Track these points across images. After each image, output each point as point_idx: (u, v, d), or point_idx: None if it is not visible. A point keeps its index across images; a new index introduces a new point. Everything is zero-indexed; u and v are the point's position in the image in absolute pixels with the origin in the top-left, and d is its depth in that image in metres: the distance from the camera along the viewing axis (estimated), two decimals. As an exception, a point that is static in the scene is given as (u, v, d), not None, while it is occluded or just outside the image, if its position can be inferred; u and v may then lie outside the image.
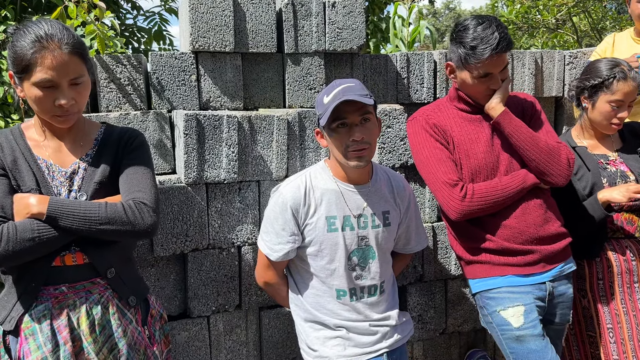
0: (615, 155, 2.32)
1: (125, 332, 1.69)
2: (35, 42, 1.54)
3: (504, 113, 2.04)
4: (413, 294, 2.61)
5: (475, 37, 1.95)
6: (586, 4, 7.65)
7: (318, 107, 1.86)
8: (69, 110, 1.60)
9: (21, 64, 1.55)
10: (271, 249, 1.91)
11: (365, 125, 1.81)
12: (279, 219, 1.88)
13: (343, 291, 1.92)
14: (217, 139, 2.22)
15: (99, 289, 1.68)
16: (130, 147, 1.76)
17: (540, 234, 2.05)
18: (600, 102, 2.23)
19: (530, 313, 2.00)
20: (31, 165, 1.64)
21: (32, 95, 1.57)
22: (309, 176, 1.92)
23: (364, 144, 1.80)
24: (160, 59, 2.36)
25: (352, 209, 1.91)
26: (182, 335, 2.30)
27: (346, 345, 1.91)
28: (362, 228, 1.92)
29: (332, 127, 1.80)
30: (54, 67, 1.54)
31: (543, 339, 1.99)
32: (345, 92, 1.77)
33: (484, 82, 2.02)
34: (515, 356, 2.01)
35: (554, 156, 2.01)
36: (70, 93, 1.59)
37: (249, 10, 2.43)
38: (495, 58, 1.95)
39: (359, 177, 1.92)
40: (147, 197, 1.67)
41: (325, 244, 1.88)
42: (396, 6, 5.99)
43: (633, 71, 2.22)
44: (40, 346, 1.58)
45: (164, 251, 2.22)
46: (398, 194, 2.01)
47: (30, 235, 1.52)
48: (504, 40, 1.94)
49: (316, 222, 1.87)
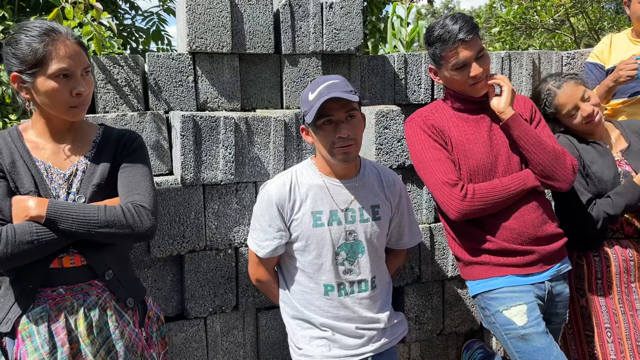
0: (620, 156, 2.33)
1: (123, 334, 1.69)
2: (44, 35, 1.57)
3: (514, 116, 2.05)
4: (410, 295, 2.61)
5: (438, 32, 2.02)
6: (584, 5, 7.66)
7: (303, 104, 1.87)
8: (85, 100, 1.64)
9: (34, 59, 1.57)
10: (259, 246, 1.93)
11: (351, 121, 1.82)
12: (265, 215, 1.89)
13: (331, 286, 1.92)
14: (214, 140, 2.22)
15: (96, 291, 1.68)
16: (129, 149, 1.76)
17: (539, 234, 2.07)
18: (563, 118, 2.34)
19: (533, 311, 2.01)
20: (29, 167, 1.64)
21: (48, 89, 1.59)
22: (294, 173, 1.94)
23: (350, 140, 1.81)
24: (158, 60, 2.36)
25: (338, 203, 1.91)
26: (179, 337, 2.30)
27: (331, 346, 1.92)
28: (350, 222, 1.92)
29: (317, 124, 1.81)
30: (70, 56, 1.59)
31: (547, 336, 2.00)
32: (330, 88, 1.78)
33: (462, 73, 2.03)
34: (521, 355, 2.01)
35: (560, 160, 2.03)
36: (84, 83, 1.63)
37: (246, 11, 2.43)
38: (460, 44, 1.98)
39: (346, 172, 1.93)
40: (146, 200, 1.67)
41: (311, 239, 1.89)
42: (394, 6, 6.00)
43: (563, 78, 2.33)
44: (37, 348, 1.59)
45: (161, 252, 2.22)
46: (388, 188, 2.01)
47: (29, 238, 1.52)
48: (466, 25, 1.99)
49: (302, 218, 1.88)
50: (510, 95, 2.08)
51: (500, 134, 2.11)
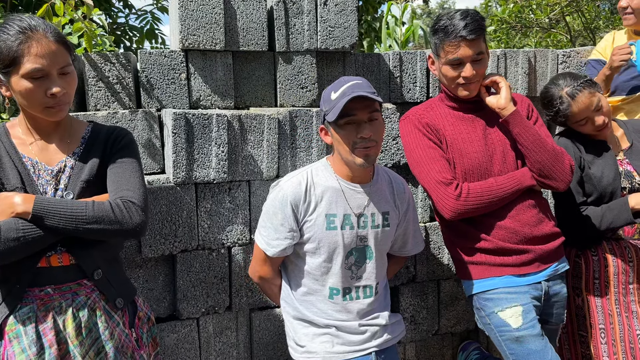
0: (622, 156, 2.32)
1: (113, 335, 1.67)
2: (20, 33, 1.52)
3: (515, 112, 2.03)
4: (405, 295, 2.60)
5: (445, 23, 2.00)
6: (579, 4, 7.68)
7: (324, 103, 1.86)
8: (61, 100, 1.58)
9: (7, 58, 1.52)
10: (268, 244, 1.90)
11: (373, 123, 1.81)
12: (279, 214, 1.87)
13: (337, 290, 1.91)
14: (207, 138, 2.19)
15: (85, 291, 1.66)
16: (118, 145, 1.73)
17: (535, 233, 2.06)
18: (573, 125, 2.29)
19: (528, 313, 2.00)
20: (16, 163, 1.61)
21: (22, 89, 1.54)
22: (310, 173, 1.91)
23: (371, 141, 1.80)
24: (150, 57, 2.34)
25: (353, 208, 1.90)
26: (171, 338, 2.27)
27: (334, 342, 1.90)
28: (362, 227, 1.91)
29: (339, 124, 1.80)
30: (43, 55, 1.53)
31: (542, 338, 1.99)
32: (354, 88, 1.77)
33: (455, 69, 2.02)
34: (515, 357, 2.00)
35: (558, 160, 2.02)
36: (61, 82, 1.57)
37: (240, 8, 2.41)
38: (460, 40, 1.96)
39: (362, 176, 1.91)
40: (135, 196, 1.64)
41: (323, 242, 1.87)
42: (389, 5, 5.99)
43: (576, 82, 2.25)
44: (25, 349, 1.56)
45: (152, 252, 2.19)
46: (398, 195, 2.01)
47: (15, 235, 1.49)
48: (472, 24, 1.96)
49: (315, 219, 1.87)
50: (509, 91, 2.06)
51: (496, 133, 2.10)
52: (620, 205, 2.18)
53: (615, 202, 2.20)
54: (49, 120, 1.66)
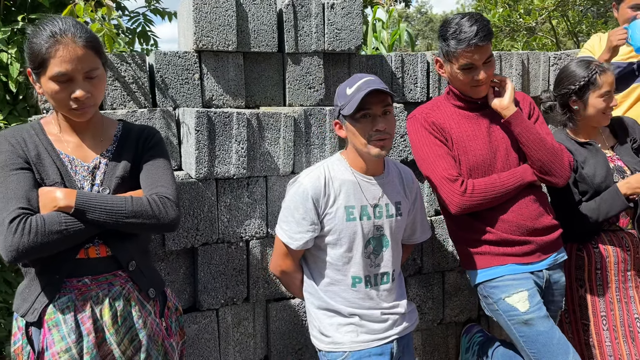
0: (611, 152, 2.43)
1: (145, 324, 1.72)
2: (50, 37, 1.58)
3: (516, 113, 2.12)
4: (412, 286, 2.69)
5: (455, 29, 2.06)
6: (565, 9, 7.86)
7: (339, 99, 1.94)
8: (85, 103, 1.63)
9: (37, 60, 1.59)
10: (291, 238, 1.96)
11: (387, 117, 1.90)
12: (300, 208, 1.93)
13: (359, 278, 1.98)
14: (227, 135, 2.26)
15: (120, 281, 1.71)
16: (150, 144, 1.80)
17: (536, 226, 2.15)
18: (591, 99, 2.32)
19: (533, 297, 2.10)
20: (54, 159, 1.67)
21: (49, 90, 1.61)
22: (327, 167, 1.99)
23: (386, 134, 1.89)
24: (164, 58, 2.39)
25: (368, 199, 1.98)
26: (192, 328, 2.33)
27: (359, 331, 1.97)
28: (378, 217, 1.99)
29: (355, 117, 1.88)
30: (69, 60, 1.58)
31: (549, 320, 2.09)
32: (368, 84, 1.86)
33: (467, 74, 2.09)
34: (525, 339, 2.09)
35: (558, 157, 2.11)
36: (86, 86, 1.62)
37: (251, 11, 2.48)
38: (474, 48, 2.03)
39: (375, 168, 2.00)
40: (169, 192, 1.71)
41: (344, 233, 1.94)
42: (375, 9, 6.09)
43: (604, 63, 2.36)
44: (64, 337, 1.61)
45: (176, 245, 2.25)
46: (407, 185, 2.10)
47: (58, 227, 1.54)
48: (483, 30, 2.03)
49: (335, 212, 1.94)
50: (512, 93, 2.15)
51: (499, 131, 2.19)
52: (612, 194, 2.28)
53: (606, 193, 2.29)
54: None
